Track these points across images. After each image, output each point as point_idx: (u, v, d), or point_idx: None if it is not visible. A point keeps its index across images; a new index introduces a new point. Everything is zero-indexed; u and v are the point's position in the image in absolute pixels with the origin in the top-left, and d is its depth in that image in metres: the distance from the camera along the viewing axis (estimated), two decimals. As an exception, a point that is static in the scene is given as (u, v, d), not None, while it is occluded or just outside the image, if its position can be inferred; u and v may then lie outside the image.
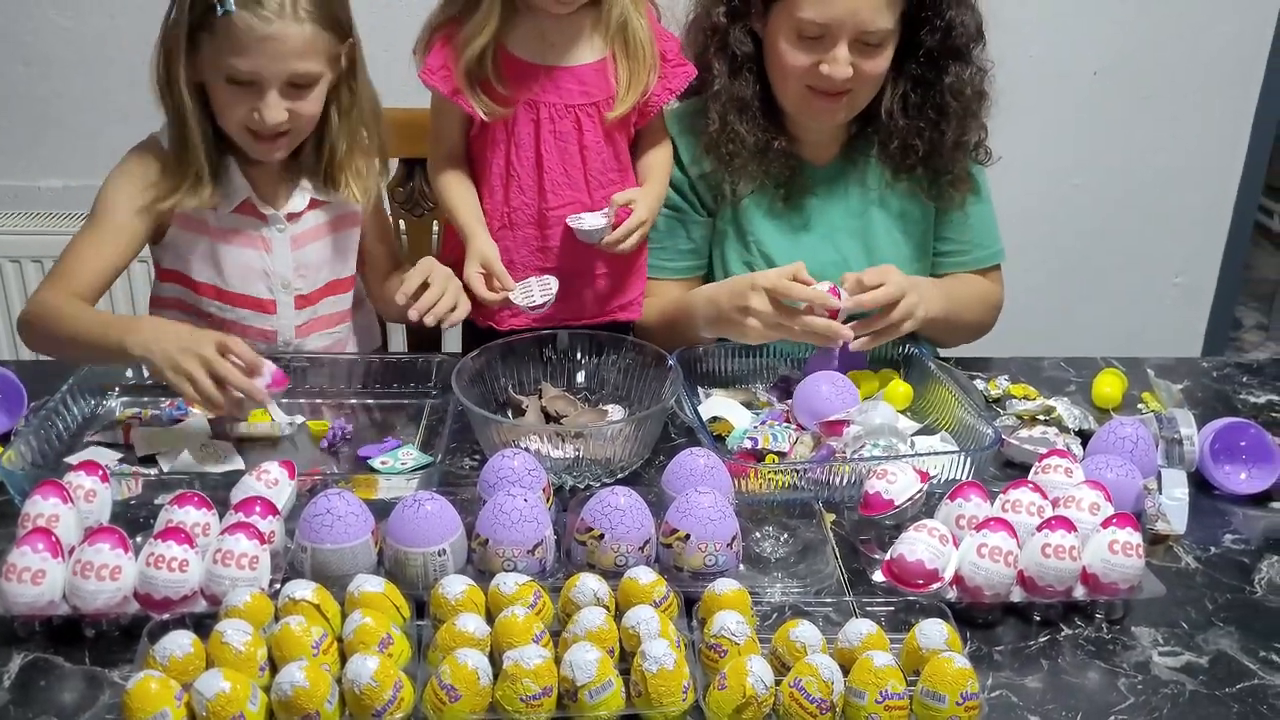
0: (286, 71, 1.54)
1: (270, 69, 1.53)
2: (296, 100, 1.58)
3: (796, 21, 1.67)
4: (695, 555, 1.23)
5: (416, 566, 1.19)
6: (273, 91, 1.55)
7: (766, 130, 1.76)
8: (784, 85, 1.75)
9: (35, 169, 2.68)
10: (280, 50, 1.52)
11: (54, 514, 1.21)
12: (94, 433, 1.52)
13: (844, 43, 1.66)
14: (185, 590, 1.15)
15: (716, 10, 1.75)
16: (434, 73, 1.65)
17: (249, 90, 1.55)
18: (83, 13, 2.55)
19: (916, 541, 1.23)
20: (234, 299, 1.71)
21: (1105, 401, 1.68)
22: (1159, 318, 3.05)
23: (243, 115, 1.57)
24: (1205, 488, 1.48)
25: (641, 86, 1.69)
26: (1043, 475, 1.38)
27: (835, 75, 1.67)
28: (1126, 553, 1.21)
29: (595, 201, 1.71)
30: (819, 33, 1.66)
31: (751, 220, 1.83)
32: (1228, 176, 2.94)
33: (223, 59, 1.53)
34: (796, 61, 1.69)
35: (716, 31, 1.75)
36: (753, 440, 1.49)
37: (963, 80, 1.76)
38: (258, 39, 1.51)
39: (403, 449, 1.49)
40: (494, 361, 1.60)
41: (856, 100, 1.75)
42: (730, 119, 1.75)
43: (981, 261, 1.91)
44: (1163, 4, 2.73)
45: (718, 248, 1.86)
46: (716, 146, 1.76)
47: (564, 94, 1.68)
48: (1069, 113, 2.80)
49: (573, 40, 1.68)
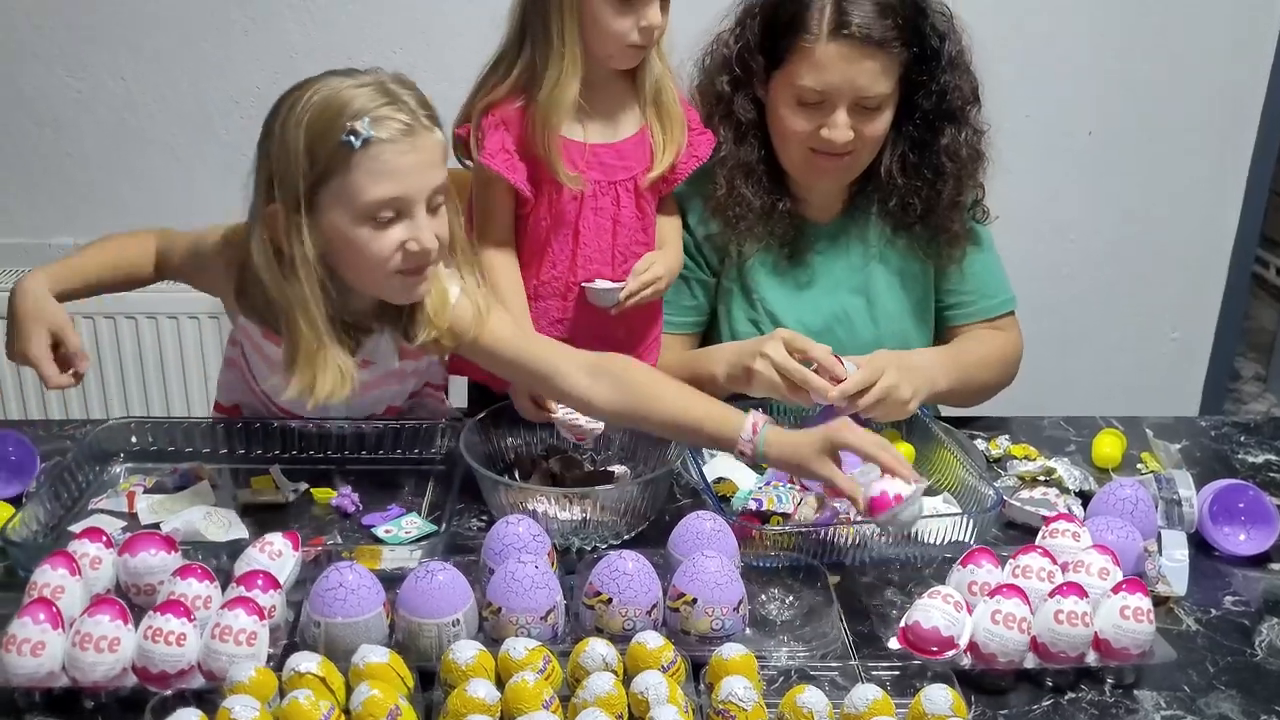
0: (433, 184, 1.41)
1: (419, 186, 1.39)
2: (436, 219, 1.43)
3: (796, 89, 1.70)
4: (702, 619, 1.24)
5: (430, 637, 1.20)
6: (420, 210, 1.40)
7: (771, 192, 1.80)
8: (787, 149, 1.78)
9: (45, 227, 2.71)
10: (429, 160, 1.40)
11: (59, 585, 1.22)
12: (99, 500, 1.53)
13: (843, 108, 1.69)
14: (182, 665, 1.16)
15: (720, 79, 1.79)
16: (494, 156, 1.62)
17: (393, 223, 1.39)
18: (95, 75, 2.58)
19: (931, 608, 1.24)
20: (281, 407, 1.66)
21: (1105, 462, 1.70)
22: (1157, 372, 3.06)
23: (388, 249, 1.39)
24: (1204, 549, 1.49)
25: (675, 148, 1.72)
26: (1051, 540, 1.39)
27: (835, 139, 1.70)
28: (1138, 618, 1.22)
29: (618, 274, 1.73)
30: (818, 99, 1.70)
31: (756, 278, 1.85)
32: (1223, 231, 2.97)
33: (365, 197, 1.36)
34: (798, 127, 1.73)
35: (721, 99, 1.79)
36: (757, 502, 1.51)
37: (958, 142, 1.80)
38: (401, 157, 1.37)
39: (406, 517, 1.50)
40: (501, 422, 1.62)
41: (857, 161, 1.78)
42: (736, 183, 1.78)
43: (990, 310, 1.91)
44: (1155, 62, 2.77)
45: (723, 305, 1.89)
46: (723, 210, 1.80)
47: (607, 170, 1.70)
48: (1064, 171, 2.83)
49: (612, 114, 1.70)
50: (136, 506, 1.50)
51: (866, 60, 1.67)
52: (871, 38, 1.65)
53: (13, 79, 2.59)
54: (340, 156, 1.35)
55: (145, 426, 1.65)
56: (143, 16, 2.53)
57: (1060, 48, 2.72)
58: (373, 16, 2.58)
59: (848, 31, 1.65)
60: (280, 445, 1.65)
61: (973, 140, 1.82)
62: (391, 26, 2.58)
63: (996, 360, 1.88)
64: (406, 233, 1.39)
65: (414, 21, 2.59)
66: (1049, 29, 2.70)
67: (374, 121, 1.35)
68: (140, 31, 2.54)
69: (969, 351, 1.86)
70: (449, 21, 2.56)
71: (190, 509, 1.48)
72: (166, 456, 1.62)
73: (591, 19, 1.59)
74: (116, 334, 2.63)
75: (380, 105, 1.36)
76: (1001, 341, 1.91)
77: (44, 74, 2.58)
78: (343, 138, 1.34)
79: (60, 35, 2.56)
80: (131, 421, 1.66)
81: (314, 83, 1.39)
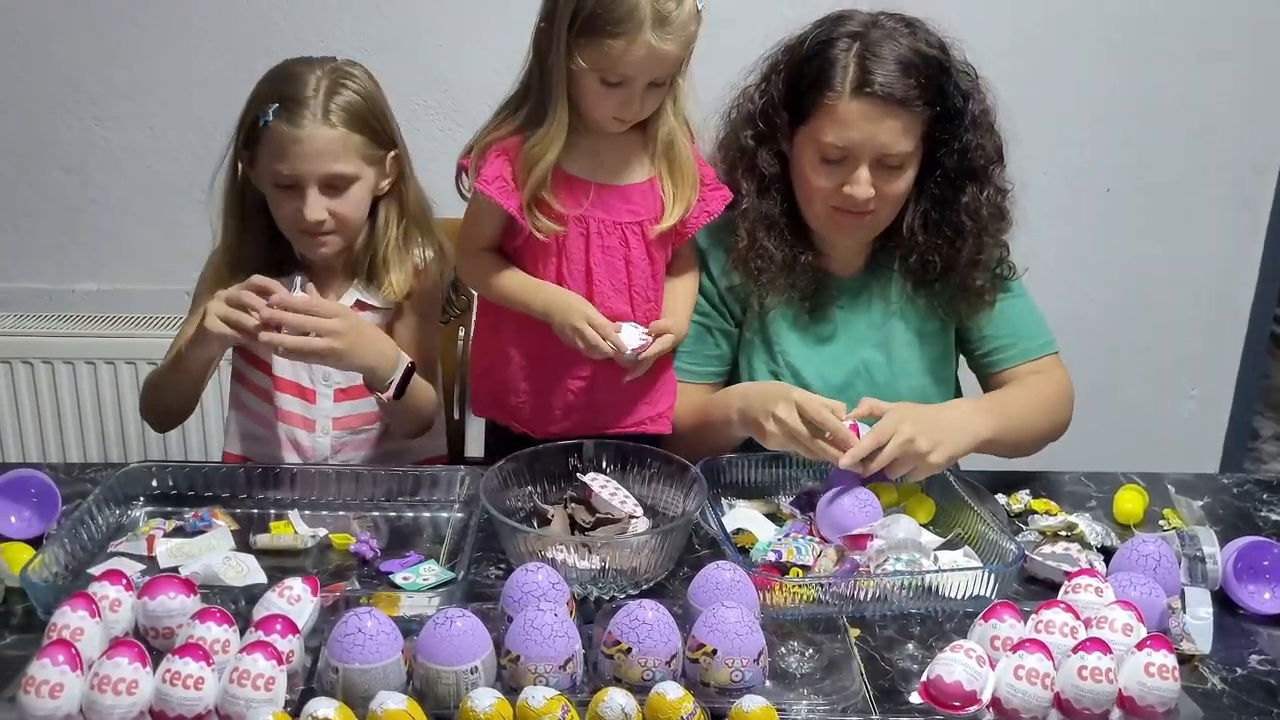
0: (320, 172, 1.68)
1: (306, 170, 1.68)
2: (335, 199, 1.71)
3: (820, 145, 1.72)
4: (722, 670, 1.23)
5: (449, 685, 1.19)
6: (312, 190, 1.69)
7: (794, 246, 1.81)
8: (810, 205, 1.79)
9: (69, 272, 2.74)
10: (312, 150, 1.67)
11: (79, 627, 1.22)
12: (119, 543, 1.53)
13: (865, 165, 1.71)
14: (200, 709, 1.15)
15: (745, 133, 1.80)
16: (490, 183, 1.67)
17: (292, 192, 1.70)
18: (123, 124, 2.63)
19: (954, 663, 1.23)
20: (279, 382, 1.84)
21: (1127, 518, 1.69)
22: (1176, 430, 3.05)
23: (289, 215, 1.72)
24: (1229, 607, 1.48)
25: (685, 204, 1.74)
26: (1074, 595, 1.37)
27: (857, 196, 1.71)
28: (1163, 675, 1.21)
29: (639, 313, 1.75)
30: (841, 156, 1.71)
31: (778, 331, 1.86)
32: (1242, 289, 2.97)
33: (269, 165, 1.69)
34: (820, 183, 1.74)
35: (745, 153, 1.80)
36: (776, 553, 1.50)
37: (979, 200, 1.80)
38: (292, 143, 1.66)
39: (425, 564, 1.50)
40: (521, 470, 1.62)
41: (879, 218, 1.79)
42: (759, 235, 1.79)
43: (1031, 352, 1.90)
44: (1174, 120, 2.79)
45: (744, 356, 1.89)
46: (745, 262, 1.81)
47: (613, 212, 1.72)
48: (1082, 228, 2.84)
49: (623, 161, 1.73)
50: (156, 550, 1.50)
51: (889, 119, 1.68)
52: (894, 96, 1.67)
53: (42, 127, 2.64)
54: (256, 128, 1.69)
55: (166, 470, 1.66)
56: (174, 71, 2.59)
57: (1080, 105, 2.75)
58: (399, 73, 2.61)
59: (870, 90, 1.67)
60: (300, 490, 1.66)
61: (995, 199, 1.82)
62: (418, 83, 2.62)
63: (1045, 402, 1.86)
64: (298, 202, 1.69)
65: (438, 80, 2.63)
66: (1068, 85, 2.72)
67: (280, 109, 1.66)
68: (170, 85, 2.59)
69: (1013, 399, 1.85)
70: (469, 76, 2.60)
71: (210, 553, 1.48)
72: (186, 500, 1.63)
73: (579, 91, 1.65)
74: (138, 379, 2.65)
75: (293, 96, 1.67)
76: (1045, 382, 1.88)
77: (73, 123, 2.63)
78: (258, 114, 1.68)
79: (92, 88, 2.61)
80: (152, 465, 1.66)
81: (289, 62, 1.74)
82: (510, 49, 1.72)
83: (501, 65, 1.68)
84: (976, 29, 1.80)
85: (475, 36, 2.59)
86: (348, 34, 2.58)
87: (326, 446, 1.85)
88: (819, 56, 1.72)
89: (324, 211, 1.70)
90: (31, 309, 2.73)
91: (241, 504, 1.64)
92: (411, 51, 2.60)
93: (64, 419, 2.68)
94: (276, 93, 1.69)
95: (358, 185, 1.73)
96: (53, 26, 2.58)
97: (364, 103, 1.72)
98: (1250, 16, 2.73)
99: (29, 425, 2.69)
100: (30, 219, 2.70)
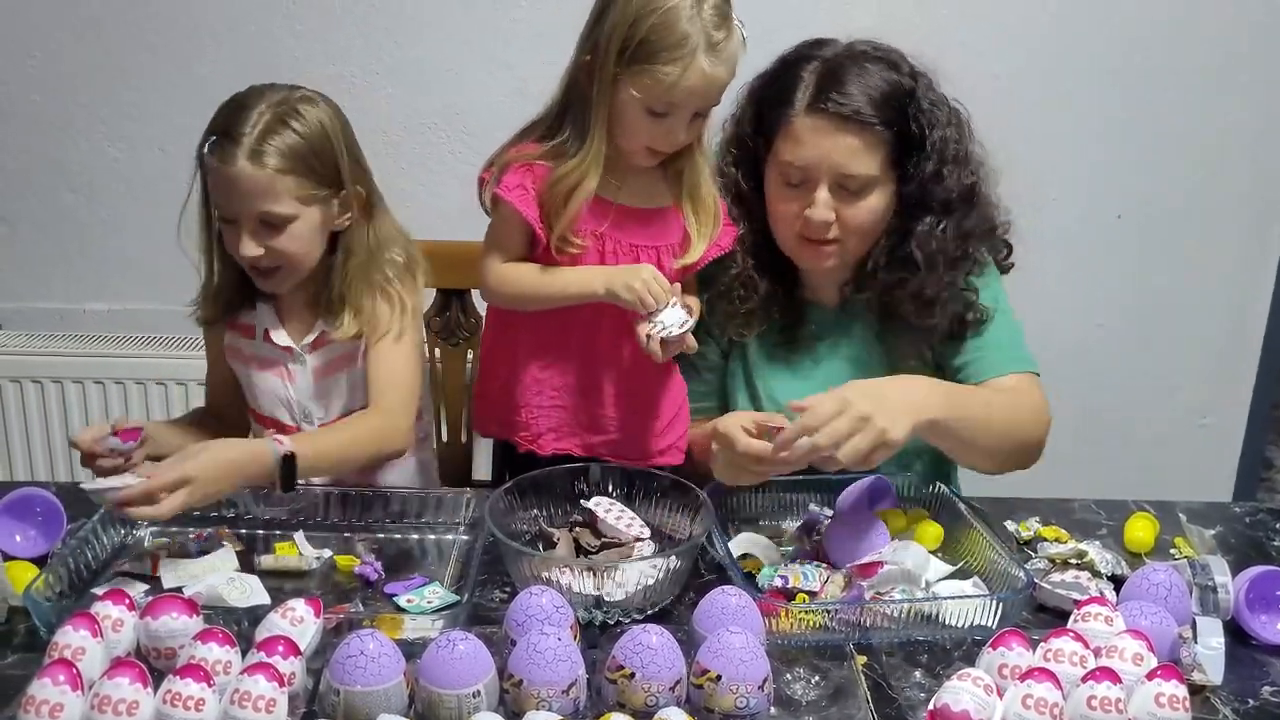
0: (252, 211, 1.65)
1: (238, 207, 1.65)
2: (272, 239, 1.67)
3: (781, 167, 1.71)
4: (727, 696, 1.22)
5: (450, 708, 1.18)
6: (246, 226, 1.66)
7: (774, 276, 1.79)
8: (777, 231, 1.77)
9: (80, 292, 2.75)
10: (241, 190, 1.63)
11: (80, 646, 1.22)
12: (123, 563, 1.53)
13: (824, 186, 1.68)
14: None
15: (725, 160, 1.80)
16: (511, 190, 1.67)
17: (233, 226, 1.68)
18: (135, 145, 2.64)
19: (961, 691, 1.21)
20: (263, 420, 1.84)
21: (1137, 546, 1.67)
22: (1187, 459, 3.02)
23: (232, 249, 1.70)
24: (1241, 637, 1.46)
25: (708, 238, 1.74)
26: (1083, 623, 1.36)
27: (814, 219, 1.69)
28: (1174, 706, 1.19)
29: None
30: (801, 178, 1.70)
31: (757, 361, 1.85)
32: (1254, 317, 2.96)
33: (212, 198, 1.69)
34: (783, 208, 1.73)
35: (728, 180, 1.80)
36: (783, 579, 1.49)
37: (932, 235, 1.73)
38: (225, 180, 1.64)
39: (429, 587, 1.49)
40: (526, 493, 1.61)
41: (847, 248, 1.75)
42: (749, 264, 1.78)
43: (1003, 366, 1.77)
44: (1186, 147, 2.78)
45: (728, 387, 1.89)
46: (730, 289, 1.79)
47: (630, 234, 1.72)
48: (1093, 254, 2.84)
49: (644, 185, 1.73)
50: (160, 570, 1.50)
51: (843, 135, 1.66)
52: (847, 112, 1.65)
53: (52, 147, 2.65)
54: (200, 161, 1.67)
55: (171, 490, 1.65)
56: (183, 93, 2.60)
57: (1090, 131, 2.74)
58: (410, 97, 2.63)
59: (824, 105, 1.66)
60: (304, 512, 1.65)
61: (955, 239, 1.74)
62: (429, 107, 2.63)
63: (1007, 407, 1.72)
64: (234, 238, 1.68)
65: (450, 104, 2.64)
66: (1078, 112, 2.72)
67: (215, 143, 1.64)
68: (180, 107, 2.59)
69: (973, 392, 1.74)
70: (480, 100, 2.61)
71: (213, 574, 1.48)
72: (191, 521, 1.61)
73: (620, 122, 1.64)
74: (147, 399, 2.66)
75: (229, 131, 1.63)
76: (1012, 394, 1.75)
77: (84, 144, 2.65)
78: (204, 145, 1.65)
79: (103, 110, 2.64)
80: (158, 485, 1.65)
81: (248, 91, 1.69)
82: (521, 73, 1.73)
83: (512, 89, 1.69)
84: (986, 54, 1.81)
85: (486, 60, 2.60)
86: (359, 58, 2.60)
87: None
88: (783, 76, 1.72)
89: (258, 248, 1.67)
90: (41, 328, 2.74)
91: (246, 525, 1.64)
92: (423, 75, 2.62)
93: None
94: (219, 124, 1.65)
95: (298, 223, 1.67)
96: (64, 48, 2.60)
97: (304, 143, 1.66)
98: (1262, 42, 2.73)
99: (38, 444, 2.69)
100: (40, 238, 2.72)
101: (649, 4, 1.57)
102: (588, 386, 1.77)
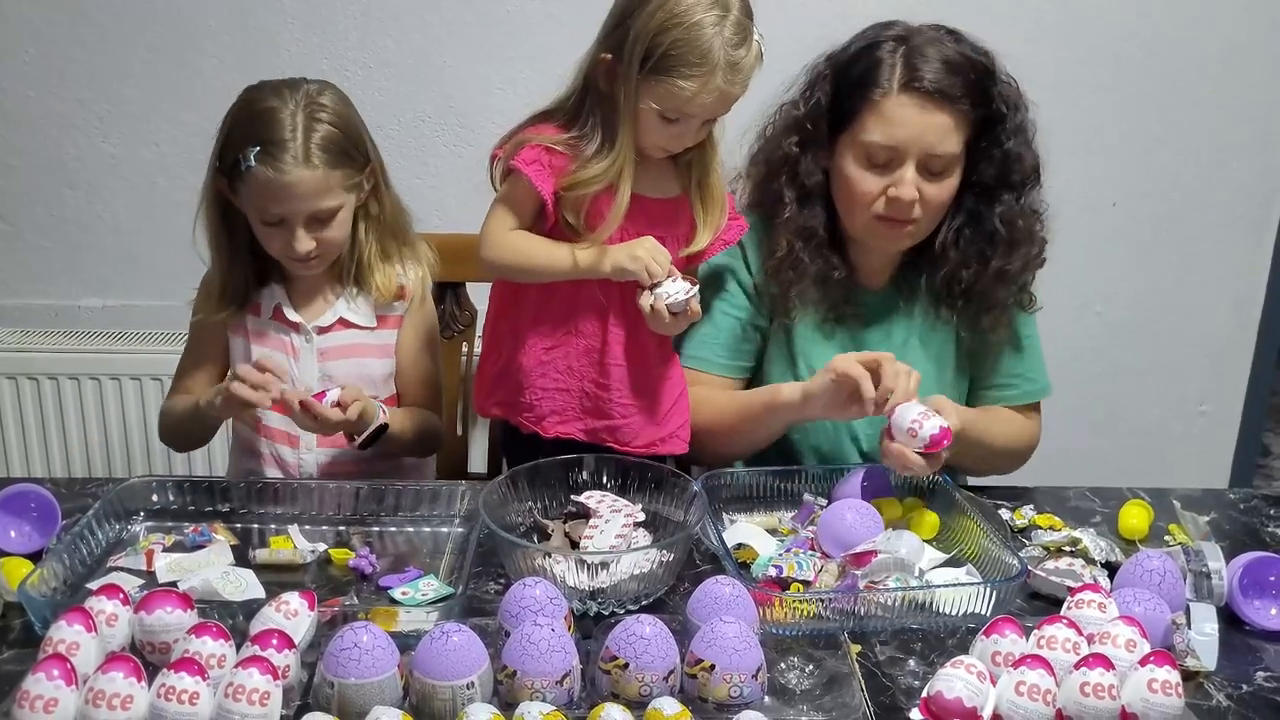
0: (307, 211, 1.71)
1: (292, 210, 1.70)
2: (322, 231, 1.74)
3: (866, 147, 1.72)
4: (720, 686, 1.22)
5: (445, 700, 1.18)
6: (299, 228, 1.71)
7: (829, 260, 1.81)
8: (851, 213, 1.78)
9: (75, 289, 2.75)
10: (298, 193, 1.68)
11: (74, 641, 1.22)
12: (117, 557, 1.53)
13: (911, 164, 1.70)
14: None
15: (788, 141, 1.80)
16: (529, 165, 1.67)
17: (281, 228, 1.72)
18: (130, 142, 2.64)
19: (955, 679, 1.21)
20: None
21: (1132, 533, 1.68)
22: (1185, 447, 3.03)
23: (279, 247, 1.75)
24: (1234, 623, 1.46)
25: (714, 229, 1.76)
26: (1077, 610, 1.36)
27: (904, 197, 1.71)
28: (1166, 692, 1.19)
29: None
30: (887, 157, 1.71)
31: (801, 341, 1.87)
32: (1251, 305, 2.96)
33: (254, 204, 1.71)
34: (865, 187, 1.74)
35: (788, 161, 1.80)
36: (777, 568, 1.49)
37: (1014, 212, 1.80)
38: (279, 188, 1.67)
39: (424, 579, 1.49)
40: (521, 485, 1.61)
41: (921, 228, 1.78)
42: (797, 246, 1.80)
43: (1024, 397, 1.92)
44: (1182, 134, 2.78)
45: (767, 358, 1.90)
46: (779, 271, 1.81)
47: (637, 221, 1.72)
48: (1090, 243, 2.83)
49: (655, 174, 1.74)
50: (155, 564, 1.50)
51: (936, 114, 1.68)
52: (942, 91, 1.68)
53: (49, 144, 2.65)
54: (239, 168, 1.68)
55: (165, 485, 1.65)
56: (181, 91, 2.60)
57: (1086, 118, 2.74)
58: (406, 91, 2.63)
59: (919, 85, 1.68)
60: (299, 506, 1.65)
61: (1029, 217, 1.82)
62: (425, 101, 2.63)
63: (1012, 434, 1.89)
64: (286, 235, 1.72)
65: (445, 98, 2.64)
66: (1075, 99, 2.71)
67: (260, 153, 1.65)
68: (177, 104, 2.61)
69: (983, 414, 1.86)
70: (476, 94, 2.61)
71: (208, 568, 1.48)
72: (186, 515, 1.62)
73: (634, 117, 1.65)
74: (142, 395, 2.66)
75: (272, 139, 1.66)
76: (1021, 421, 1.92)
77: (80, 140, 2.64)
78: (239, 157, 1.66)
79: (100, 106, 2.63)
80: (152, 480, 1.66)
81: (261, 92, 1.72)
82: (515, 66, 1.73)
83: (508, 82, 1.69)
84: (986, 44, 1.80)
85: (482, 54, 2.60)
86: (355, 53, 2.60)
87: (311, 464, 1.85)
88: (864, 58, 1.73)
89: (312, 243, 1.73)
90: (37, 324, 2.74)
91: (241, 519, 1.64)
92: (418, 70, 2.61)
93: (69, 434, 2.69)
94: (255, 135, 1.67)
95: (343, 211, 1.75)
96: (62, 46, 2.59)
97: (339, 134, 1.72)
98: (1261, 30, 2.73)
99: (34, 440, 2.69)
100: (37, 235, 2.72)
101: (674, 17, 1.58)
102: (592, 371, 1.77)
